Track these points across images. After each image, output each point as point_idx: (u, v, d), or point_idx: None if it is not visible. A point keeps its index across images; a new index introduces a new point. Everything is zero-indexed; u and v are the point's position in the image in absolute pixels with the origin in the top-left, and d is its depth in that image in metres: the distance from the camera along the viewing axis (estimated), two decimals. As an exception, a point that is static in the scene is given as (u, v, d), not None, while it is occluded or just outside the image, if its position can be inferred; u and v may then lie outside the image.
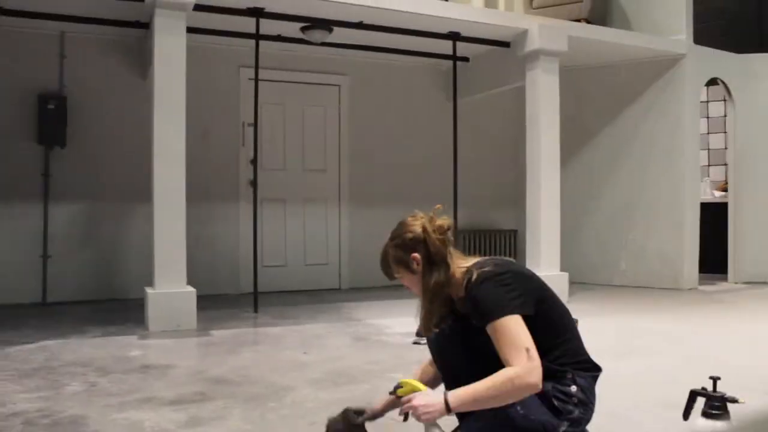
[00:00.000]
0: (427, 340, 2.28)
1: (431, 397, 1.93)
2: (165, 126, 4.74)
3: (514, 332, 1.93)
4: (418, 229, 2.14)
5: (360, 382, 3.29)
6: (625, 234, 7.22)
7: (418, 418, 1.93)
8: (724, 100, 7.87)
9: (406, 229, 2.18)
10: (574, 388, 2.03)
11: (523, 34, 6.04)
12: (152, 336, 4.47)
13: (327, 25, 5.79)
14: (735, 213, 7.34)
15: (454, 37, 6.19)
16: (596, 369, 2.13)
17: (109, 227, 6.15)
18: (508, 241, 7.87)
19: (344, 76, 7.09)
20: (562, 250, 6.15)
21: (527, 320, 1.98)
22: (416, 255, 2.12)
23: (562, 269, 6.11)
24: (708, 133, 8.58)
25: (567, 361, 2.06)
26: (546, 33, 5.97)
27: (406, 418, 2.00)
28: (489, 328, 1.96)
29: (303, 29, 5.84)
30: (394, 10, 5.51)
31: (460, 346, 2.12)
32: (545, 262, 6.00)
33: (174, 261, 4.70)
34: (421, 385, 2.00)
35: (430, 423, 1.95)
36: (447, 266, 2.12)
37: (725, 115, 8.03)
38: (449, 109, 6.60)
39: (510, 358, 1.89)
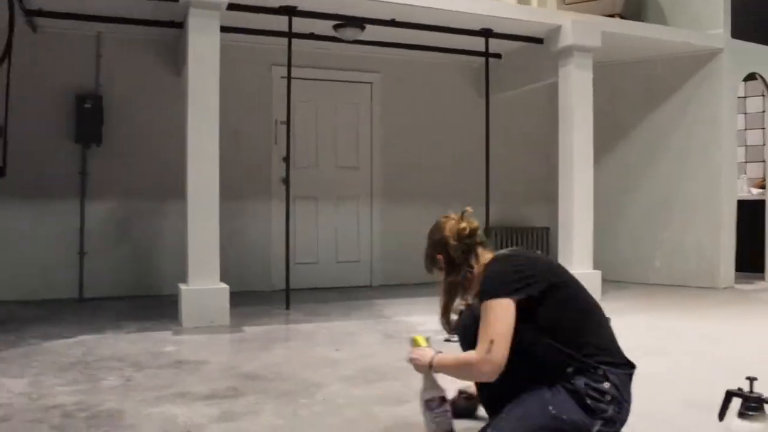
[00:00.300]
0: (459, 334, 2.35)
1: (425, 353, 2.25)
2: (198, 125, 4.79)
3: (492, 318, 2.01)
4: (443, 233, 2.27)
5: (391, 379, 3.30)
6: (660, 230, 7.12)
7: (412, 365, 2.28)
8: (763, 96, 7.70)
9: (435, 231, 2.32)
10: (607, 385, 2.03)
11: (557, 29, 5.98)
12: (186, 332, 4.53)
13: (359, 22, 5.80)
14: (774, 210, 7.18)
15: (486, 33, 6.14)
16: (630, 366, 2.13)
17: (143, 224, 6.25)
18: (540, 238, 7.80)
19: (376, 74, 7.09)
20: (595, 247, 6.09)
21: (551, 309, 2.04)
22: (440, 256, 2.27)
23: (595, 267, 6.05)
24: (745, 129, 8.41)
25: (597, 354, 2.06)
26: (580, 29, 5.91)
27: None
28: (481, 306, 2.06)
29: (335, 27, 5.86)
30: (427, 7, 5.50)
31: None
32: (577, 260, 5.94)
33: (207, 258, 4.75)
34: (423, 341, 2.32)
35: (428, 382, 2.27)
36: (468, 267, 2.23)
37: (764, 111, 7.87)
38: (481, 106, 6.56)
39: (478, 343, 2.03)
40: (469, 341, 2.17)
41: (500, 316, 2.00)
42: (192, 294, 4.67)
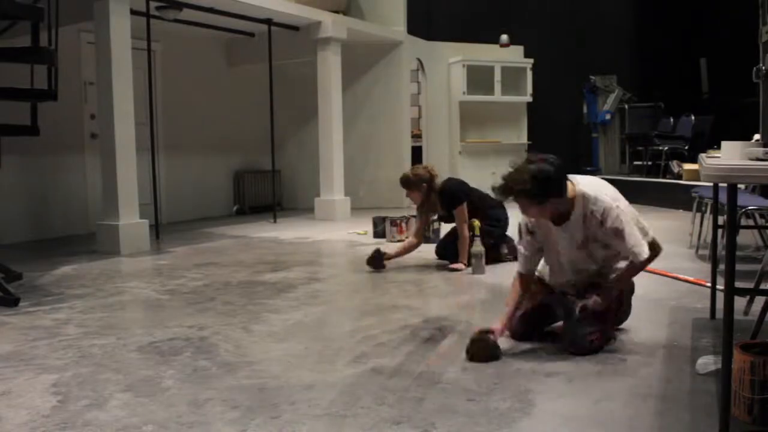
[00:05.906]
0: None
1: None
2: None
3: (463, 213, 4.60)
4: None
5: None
6: (362, 170, 9.86)
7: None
8: (417, 71, 10.93)
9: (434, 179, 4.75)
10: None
11: (317, 24, 8.15)
12: (129, 257, 5.75)
13: (180, 6, 7.15)
14: (427, 151, 10.55)
15: (268, 22, 8.00)
16: None
17: None
18: (274, 178, 9.88)
19: (158, 42, 8.30)
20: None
21: (476, 200, 4.70)
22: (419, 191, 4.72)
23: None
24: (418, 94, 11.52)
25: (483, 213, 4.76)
26: (336, 24, 8.21)
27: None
28: (454, 210, 4.64)
29: (158, 8, 7.10)
30: (242, 2, 7.18)
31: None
32: (337, 190, 8.43)
33: (132, 199, 5.94)
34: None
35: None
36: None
37: (418, 82, 11.10)
38: (228, 73, 8.83)
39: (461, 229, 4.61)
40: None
41: (463, 213, 4.57)
42: (125, 228, 5.86)
